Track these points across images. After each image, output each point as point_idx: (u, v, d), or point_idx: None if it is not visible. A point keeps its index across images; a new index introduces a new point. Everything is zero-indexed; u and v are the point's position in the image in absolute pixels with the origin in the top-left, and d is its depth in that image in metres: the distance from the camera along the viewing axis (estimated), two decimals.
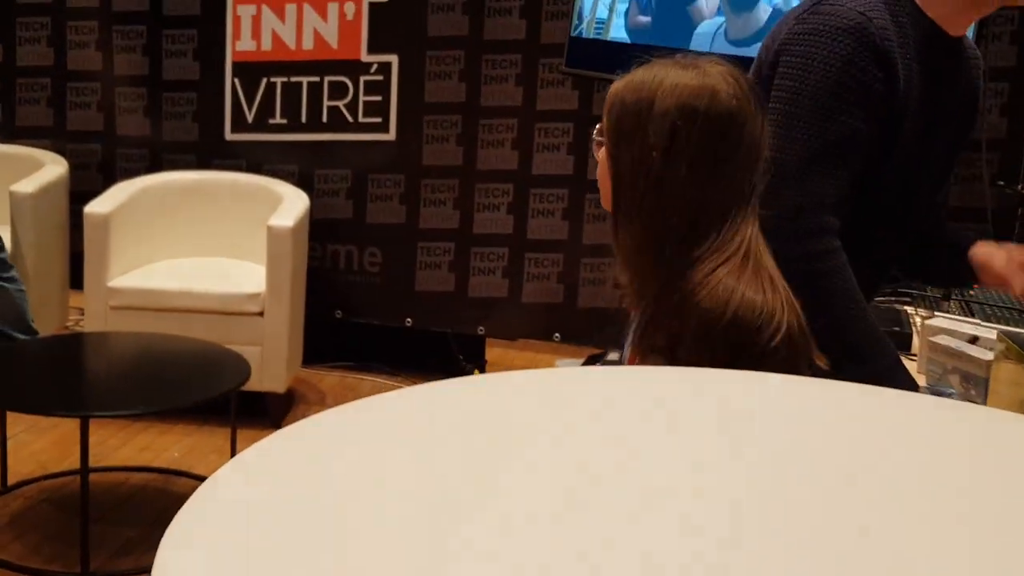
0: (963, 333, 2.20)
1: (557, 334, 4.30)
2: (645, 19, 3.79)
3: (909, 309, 2.61)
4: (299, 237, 3.98)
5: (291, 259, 3.88)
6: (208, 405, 3.25)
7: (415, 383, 3.92)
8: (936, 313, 2.53)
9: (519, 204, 4.25)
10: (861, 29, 1.73)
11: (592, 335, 4.24)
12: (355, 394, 4.32)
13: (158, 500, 3.43)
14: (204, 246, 4.25)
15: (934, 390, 2.04)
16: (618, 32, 3.84)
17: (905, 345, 2.39)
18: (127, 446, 3.73)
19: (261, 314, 3.88)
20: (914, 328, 2.48)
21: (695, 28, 3.68)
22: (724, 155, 1.43)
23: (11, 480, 3.40)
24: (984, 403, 2.00)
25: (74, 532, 3.04)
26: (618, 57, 3.93)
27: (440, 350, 4.43)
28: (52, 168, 4.33)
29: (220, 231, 4.26)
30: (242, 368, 3.29)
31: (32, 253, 4.10)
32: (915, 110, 1.80)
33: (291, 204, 4.07)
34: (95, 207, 3.94)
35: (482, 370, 4.46)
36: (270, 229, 3.85)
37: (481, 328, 4.38)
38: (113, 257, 3.93)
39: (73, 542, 2.98)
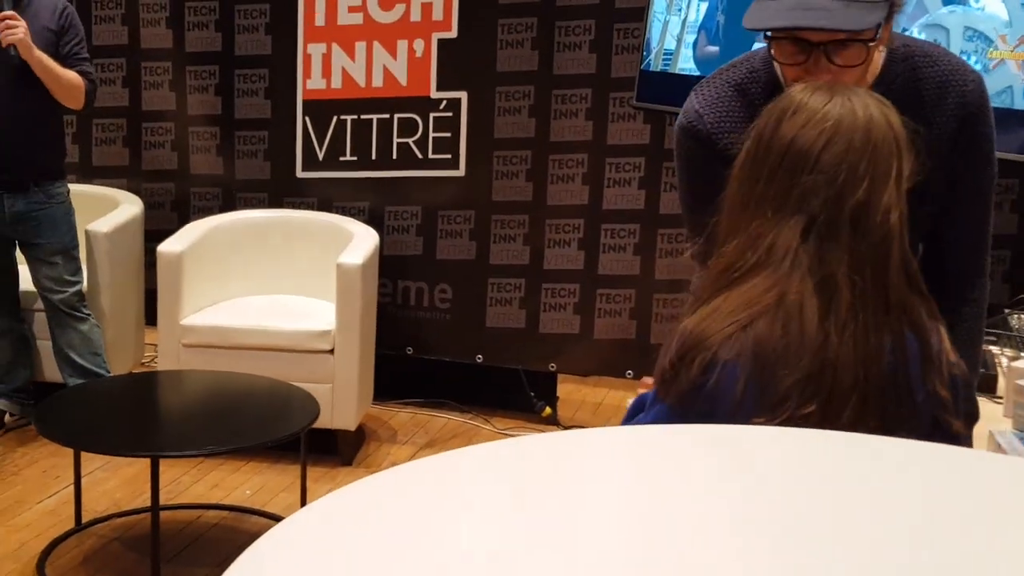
0: None
1: (630, 371, 4.23)
2: (713, 49, 3.74)
3: (994, 349, 2.51)
4: (369, 274, 3.97)
5: (361, 296, 3.87)
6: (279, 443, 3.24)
7: (486, 420, 3.91)
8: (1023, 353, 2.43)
9: (590, 239, 4.20)
10: (692, 130, 1.90)
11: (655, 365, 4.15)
12: (425, 431, 4.29)
13: (229, 538, 3.42)
14: (275, 284, 4.27)
15: (1022, 436, 1.95)
16: (686, 63, 3.80)
17: (990, 387, 2.29)
18: (199, 483, 3.73)
19: (332, 351, 3.87)
20: (1000, 369, 2.38)
21: None
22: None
23: (85, 518, 3.42)
24: None
25: (146, 571, 3.04)
26: (688, 89, 3.90)
27: (511, 386, 4.39)
28: (127, 207, 4.38)
29: (291, 269, 4.28)
30: (312, 408, 3.28)
31: (108, 291, 4.15)
32: None
33: (361, 241, 4.07)
34: (169, 246, 3.97)
35: (553, 407, 4.41)
36: (340, 266, 3.85)
37: (552, 364, 4.33)
38: (186, 295, 3.96)
39: None
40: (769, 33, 1.75)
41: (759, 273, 1.38)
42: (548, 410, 4.39)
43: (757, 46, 3.56)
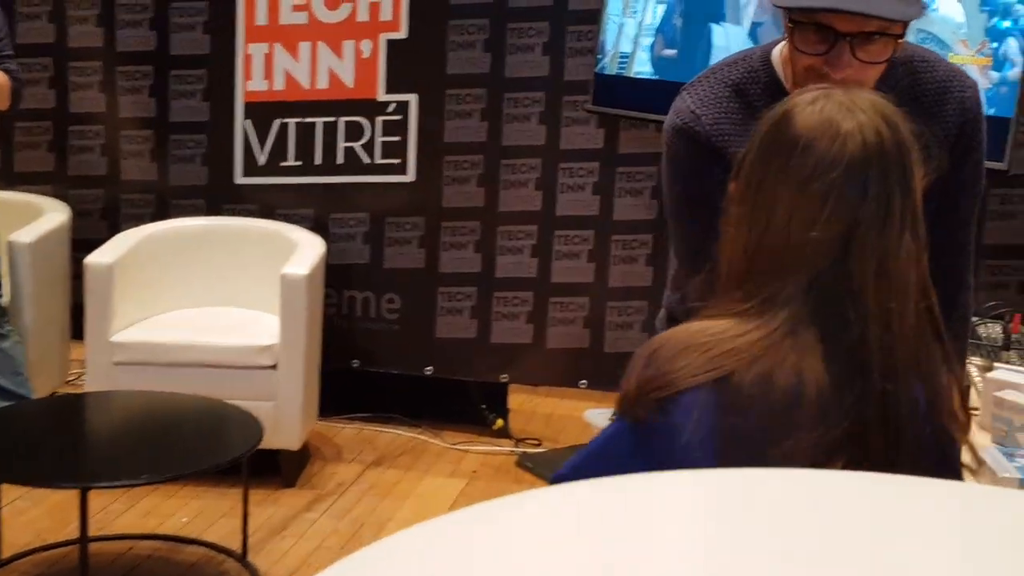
0: None
1: (583, 380, 4.10)
2: (671, 52, 3.61)
3: None
4: (314, 285, 3.80)
5: (306, 308, 3.69)
6: None
7: (436, 434, 3.74)
8: (996, 364, 2.37)
9: (543, 247, 4.06)
10: (689, 130, 1.77)
11: (619, 381, 4.03)
12: (373, 447, 4.12)
13: (164, 571, 3.24)
14: (213, 296, 4.06)
15: (1006, 451, 1.89)
16: (642, 66, 3.66)
17: (962, 398, 2.21)
18: (130, 511, 3.53)
19: (275, 367, 3.69)
20: (971, 379, 2.31)
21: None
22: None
23: (5, 553, 3.20)
24: None
25: None
26: (645, 93, 3.78)
27: (462, 399, 4.24)
28: (53, 216, 4.14)
29: (230, 280, 4.08)
30: (254, 429, 3.11)
31: (31, 305, 3.91)
32: None
33: (305, 250, 3.88)
34: (98, 257, 3.75)
35: (505, 419, 4.26)
36: (284, 277, 3.67)
37: (504, 375, 4.18)
38: (117, 309, 3.75)
39: None
40: (792, 18, 1.62)
41: (753, 317, 1.24)
42: (500, 422, 4.24)
43: (715, 49, 3.46)
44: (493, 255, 4.10)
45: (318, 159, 4.21)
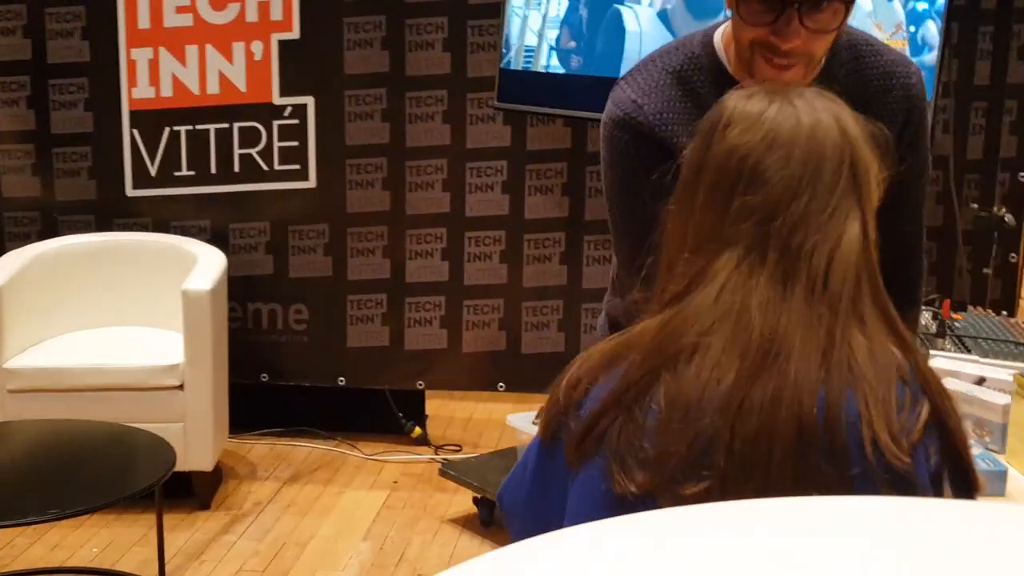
0: (968, 375, 2.02)
1: (501, 383, 4.03)
2: (574, 44, 3.55)
3: None
4: (218, 299, 3.64)
5: (211, 324, 3.54)
6: None
7: (352, 445, 3.62)
8: (933, 352, 2.35)
9: (454, 249, 3.96)
10: (630, 121, 1.70)
11: (538, 382, 3.96)
12: (288, 463, 3.99)
13: None
14: (111, 316, 3.87)
15: None
16: (549, 60, 3.60)
17: None
18: (36, 544, 3.34)
19: (181, 387, 3.52)
20: None
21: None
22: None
23: None
24: (1002, 450, 1.84)
25: None
26: (553, 88, 3.72)
27: (378, 408, 4.13)
28: None
29: (127, 298, 3.89)
30: (165, 454, 2.97)
31: None
32: None
33: (206, 263, 3.72)
34: None
35: (423, 426, 4.16)
36: (186, 293, 3.51)
37: (420, 382, 4.08)
38: (7, 334, 3.54)
39: None
40: None
41: (669, 308, 1.18)
42: (418, 430, 4.14)
43: (627, 35, 3.40)
44: (403, 260, 4.00)
45: (213, 168, 4.05)
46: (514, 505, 1.30)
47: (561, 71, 3.55)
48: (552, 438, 1.23)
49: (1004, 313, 3.22)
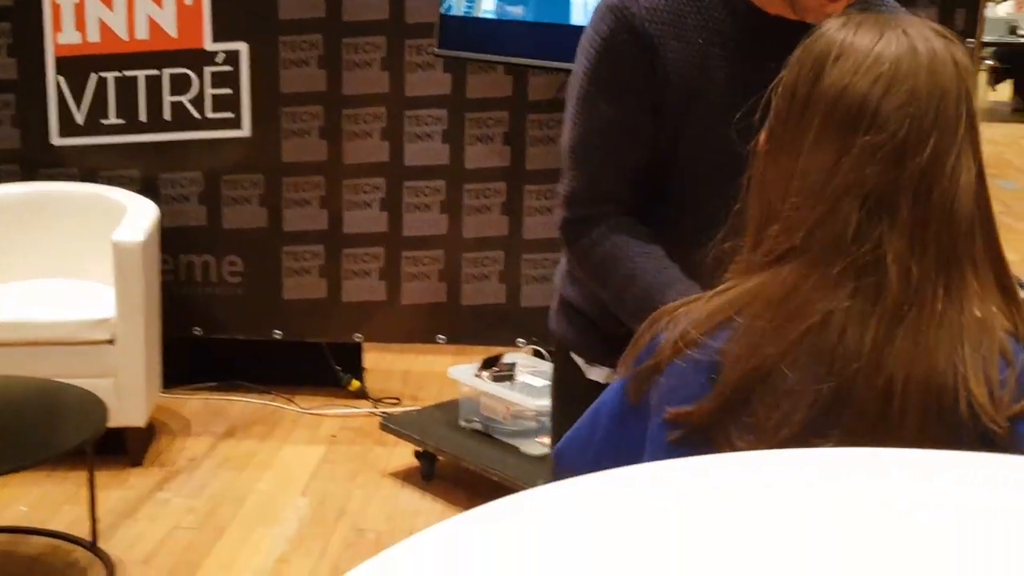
0: None
1: (441, 336, 3.98)
2: None
3: None
4: (150, 251, 3.54)
5: (143, 277, 3.44)
6: None
7: (289, 400, 3.55)
8: None
9: (392, 199, 3.89)
10: (623, 9, 1.62)
11: (478, 334, 3.94)
12: (223, 418, 3.92)
13: (7, 566, 2.99)
14: (38, 268, 3.76)
15: None
16: (490, 6, 3.52)
17: None
18: None
19: (112, 342, 3.43)
20: None
21: None
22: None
23: None
24: None
25: None
26: (494, 35, 3.64)
27: (315, 361, 4.06)
28: None
29: (55, 250, 3.77)
30: (97, 410, 2.90)
31: None
32: (710, 94, 1.61)
33: (137, 215, 3.62)
34: None
35: (361, 379, 4.11)
36: (116, 245, 3.41)
37: (358, 335, 4.02)
38: None
39: None
40: None
41: (784, 262, 1.09)
42: (356, 383, 4.09)
43: None
44: (340, 211, 3.92)
45: (143, 116, 3.92)
46: (575, 465, 1.20)
47: (503, 17, 3.48)
48: (643, 401, 1.14)
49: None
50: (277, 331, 4.01)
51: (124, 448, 3.54)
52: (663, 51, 1.61)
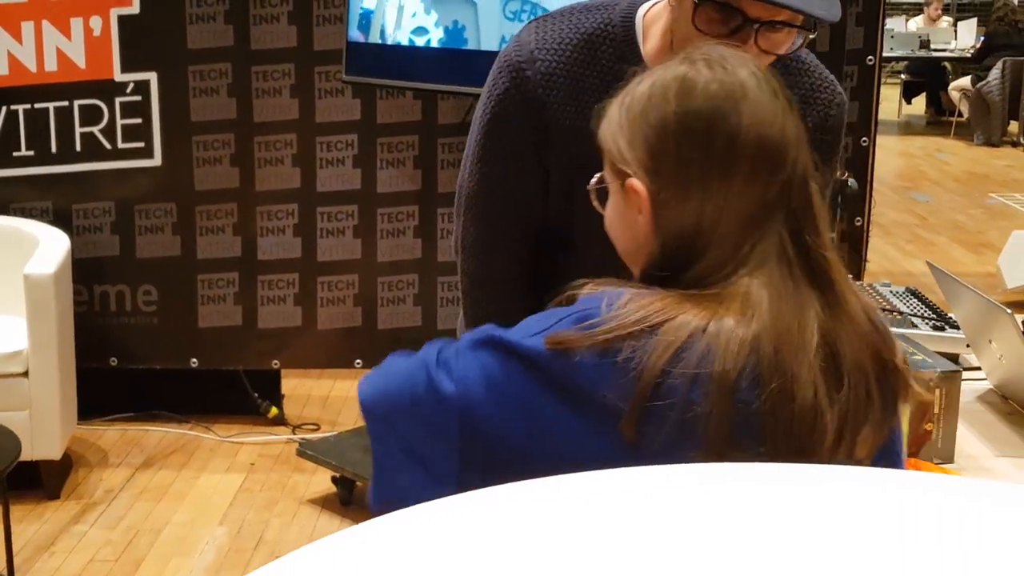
0: None
1: (359, 360, 4.01)
2: (429, 18, 3.54)
3: None
4: (62, 282, 3.54)
5: (55, 308, 3.44)
6: None
7: (207, 428, 3.56)
8: None
9: (306, 225, 3.92)
10: (519, 71, 1.64)
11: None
12: (140, 448, 3.91)
13: None
14: None
15: None
16: (398, 33, 3.58)
17: None
18: None
19: (25, 374, 3.42)
20: None
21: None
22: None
23: None
24: None
25: None
26: (401, 61, 3.70)
27: (232, 389, 4.06)
28: None
29: None
30: (9, 444, 2.89)
31: None
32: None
33: (49, 246, 3.61)
34: None
35: (279, 406, 4.12)
36: (28, 278, 3.40)
37: (276, 361, 4.04)
38: None
39: None
40: None
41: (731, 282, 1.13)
42: (274, 410, 4.10)
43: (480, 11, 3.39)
44: (254, 237, 3.94)
45: (54, 147, 3.92)
46: None
47: (409, 44, 3.54)
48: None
49: (850, 277, 3.32)
50: (194, 359, 4.01)
51: (40, 481, 3.52)
52: (555, 116, 1.63)
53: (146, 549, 3.27)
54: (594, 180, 1.25)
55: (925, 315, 2.33)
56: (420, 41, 3.52)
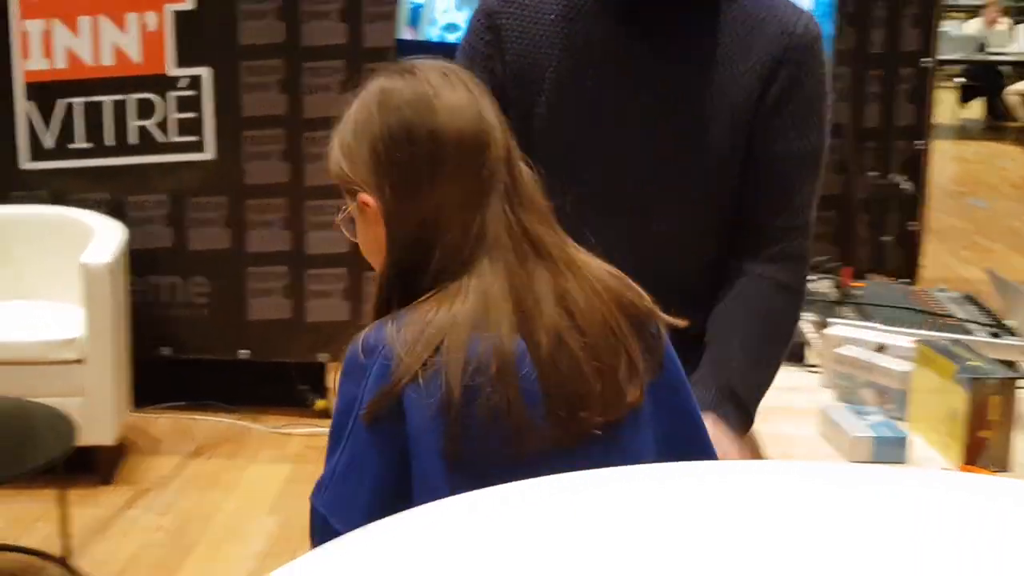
0: (868, 342, 2.05)
1: None
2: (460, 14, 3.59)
3: None
4: (118, 272, 3.62)
5: (111, 298, 3.52)
6: None
7: (255, 419, 3.61)
8: (830, 319, 2.30)
9: None
10: (490, 12, 1.70)
11: None
12: (191, 437, 3.98)
13: None
14: (8, 290, 3.82)
15: (854, 410, 1.87)
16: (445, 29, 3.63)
17: (798, 356, 2.22)
18: None
19: (81, 361, 3.50)
20: (805, 335, 2.30)
21: None
22: None
23: None
24: (903, 416, 1.88)
25: None
26: (448, 58, 3.73)
27: (280, 381, 4.13)
28: None
29: (25, 272, 3.84)
30: (66, 429, 2.96)
31: None
32: (565, 85, 1.65)
33: (105, 236, 3.69)
34: None
35: (325, 398, 4.18)
36: (85, 267, 3.48)
37: (323, 355, 4.10)
38: None
39: None
40: None
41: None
42: (321, 402, 4.16)
43: None
44: (303, 232, 4.00)
45: (109, 140, 4.00)
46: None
47: (455, 41, 3.58)
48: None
49: (905, 281, 3.27)
50: (243, 351, 4.08)
51: (94, 466, 3.60)
52: (503, 40, 1.67)
53: (198, 535, 3.34)
54: (340, 213, 1.35)
55: (982, 321, 2.28)
56: (451, 37, 3.56)
